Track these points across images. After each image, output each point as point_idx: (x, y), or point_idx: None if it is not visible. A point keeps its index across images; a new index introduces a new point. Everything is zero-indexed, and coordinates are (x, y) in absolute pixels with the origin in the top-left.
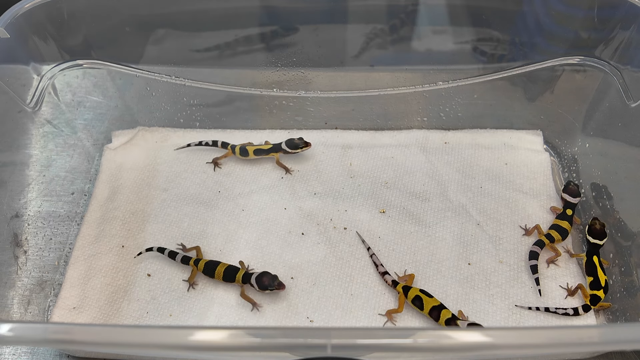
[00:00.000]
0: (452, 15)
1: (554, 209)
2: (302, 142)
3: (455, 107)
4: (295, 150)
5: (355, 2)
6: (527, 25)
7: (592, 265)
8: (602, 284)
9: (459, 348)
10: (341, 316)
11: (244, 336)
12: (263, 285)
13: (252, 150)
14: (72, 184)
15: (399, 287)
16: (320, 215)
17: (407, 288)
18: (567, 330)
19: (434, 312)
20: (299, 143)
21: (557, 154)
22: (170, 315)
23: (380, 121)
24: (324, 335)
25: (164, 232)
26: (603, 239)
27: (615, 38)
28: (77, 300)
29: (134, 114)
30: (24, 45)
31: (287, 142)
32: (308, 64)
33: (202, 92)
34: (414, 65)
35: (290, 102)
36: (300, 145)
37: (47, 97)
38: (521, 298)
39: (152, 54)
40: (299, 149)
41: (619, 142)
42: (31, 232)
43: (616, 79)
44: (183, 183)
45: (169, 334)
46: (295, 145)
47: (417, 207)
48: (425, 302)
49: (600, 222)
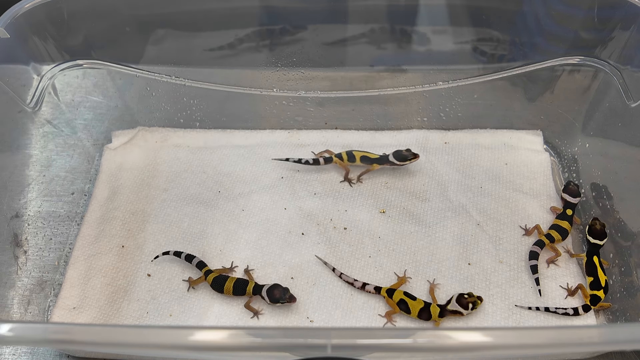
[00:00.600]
0: (452, 15)
1: (554, 209)
2: (411, 153)
3: (455, 107)
4: (403, 162)
5: (355, 2)
6: (527, 25)
7: (592, 265)
8: (602, 284)
9: (459, 348)
10: (341, 316)
11: (244, 336)
12: (274, 298)
13: (359, 156)
14: (72, 184)
15: (382, 291)
16: (320, 215)
17: (392, 291)
18: (567, 330)
19: (423, 313)
20: (407, 155)
21: (557, 154)
22: (170, 315)
23: (380, 121)
24: (324, 335)
25: (164, 232)
26: (603, 239)
27: (615, 38)
28: (77, 300)
29: (134, 114)
30: (24, 45)
31: (394, 154)
32: (308, 64)
33: (202, 92)
34: (414, 65)
35: (290, 102)
36: (409, 157)
37: (47, 97)
38: (521, 298)
39: (152, 54)
40: (407, 161)
41: (619, 142)
42: (31, 232)
43: (616, 79)
44: (183, 183)
45: (169, 334)
46: (404, 157)
47: (417, 207)
48: (411, 305)
49: (600, 222)
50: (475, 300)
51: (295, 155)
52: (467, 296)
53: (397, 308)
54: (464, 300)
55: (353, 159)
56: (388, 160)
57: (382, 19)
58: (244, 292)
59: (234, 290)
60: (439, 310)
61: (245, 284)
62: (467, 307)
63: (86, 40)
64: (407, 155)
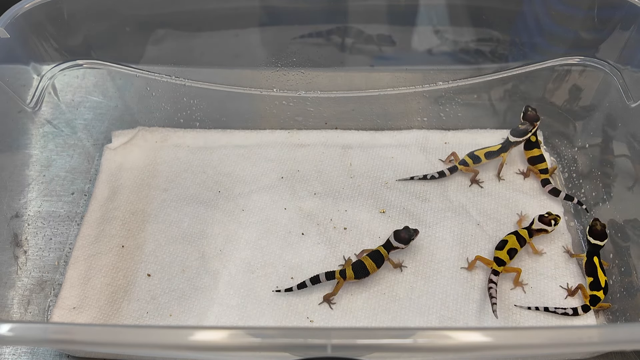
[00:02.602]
0: (452, 15)
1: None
2: (528, 124)
3: (455, 107)
4: (524, 136)
5: (355, 2)
6: (527, 25)
7: (592, 265)
8: (602, 284)
9: (459, 348)
10: (341, 316)
11: (244, 336)
12: (404, 239)
13: (483, 154)
14: (72, 184)
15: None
16: (320, 215)
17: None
18: (567, 330)
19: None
20: (526, 128)
21: (557, 154)
22: (170, 315)
23: (380, 121)
24: (324, 335)
25: (164, 232)
26: (604, 239)
27: (615, 38)
28: (77, 300)
29: (134, 114)
30: (24, 45)
31: (513, 132)
32: (308, 64)
33: (202, 92)
34: (414, 65)
35: (290, 102)
36: (529, 129)
37: (47, 97)
38: (521, 298)
39: (152, 54)
40: (529, 133)
41: (619, 142)
42: (31, 232)
43: (616, 79)
44: (183, 183)
45: (169, 334)
46: (524, 132)
47: (417, 207)
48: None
49: (601, 223)
50: (556, 217)
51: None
52: (547, 215)
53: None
54: (545, 218)
55: (478, 160)
56: (510, 143)
57: (382, 19)
58: (383, 258)
59: (377, 264)
60: (527, 232)
61: (378, 252)
62: (550, 223)
63: (86, 40)
64: (526, 128)
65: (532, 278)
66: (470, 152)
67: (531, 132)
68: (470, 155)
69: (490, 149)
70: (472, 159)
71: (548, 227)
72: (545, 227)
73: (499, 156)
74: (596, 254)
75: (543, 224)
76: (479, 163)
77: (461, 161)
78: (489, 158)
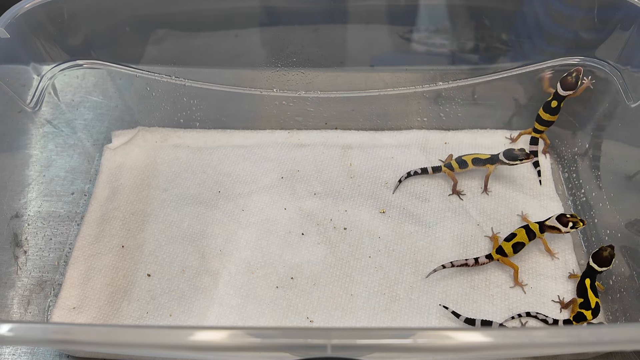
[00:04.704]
0: (452, 15)
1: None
2: (523, 153)
3: (455, 107)
4: (513, 162)
5: (355, 2)
6: (527, 25)
7: (582, 287)
8: (592, 305)
9: (459, 348)
10: (341, 316)
11: (244, 336)
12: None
13: (470, 160)
14: (72, 184)
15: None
16: (320, 215)
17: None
18: (567, 330)
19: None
20: (518, 154)
21: (557, 154)
22: (170, 315)
23: (380, 121)
24: (324, 335)
25: (164, 232)
26: (603, 266)
27: (615, 38)
28: (77, 300)
29: (134, 114)
30: (24, 45)
31: (505, 153)
32: (308, 64)
33: (202, 92)
34: (414, 65)
35: (290, 102)
36: (520, 157)
37: (47, 97)
38: (521, 298)
39: (152, 54)
40: (518, 161)
41: (619, 142)
42: (31, 232)
43: (616, 79)
44: (183, 183)
45: (169, 334)
46: (515, 157)
47: (417, 207)
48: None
49: (611, 251)
50: (577, 220)
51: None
52: (569, 216)
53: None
54: (564, 218)
55: (465, 165)
56: (499, 160)
57: (382, 19)
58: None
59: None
60: (538, 226)
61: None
62: (567, 225)
63: (86, 40)
64: (518, 154)
65: (532, 278)
66: (459, 157)
67: (523, 161)
68: (457, 160)
69: (478, 156)
70: (458, 163)
71: (562, 227)
72: (558, 226)
73: (485, 166)
74: (590, 277)
75: (558, 223)
76: (465, 168)
77: (447, 164)
78: (475, 165)
